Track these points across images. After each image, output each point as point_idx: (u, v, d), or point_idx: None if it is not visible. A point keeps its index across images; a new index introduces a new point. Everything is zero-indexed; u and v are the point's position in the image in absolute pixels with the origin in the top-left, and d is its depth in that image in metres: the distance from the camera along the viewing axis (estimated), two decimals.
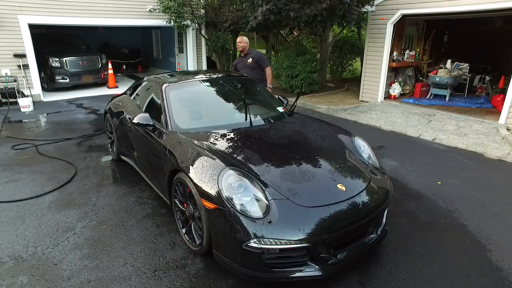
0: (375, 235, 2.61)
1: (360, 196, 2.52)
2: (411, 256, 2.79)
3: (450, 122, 6.82)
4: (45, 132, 6.22)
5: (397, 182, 4.20)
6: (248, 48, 5.36)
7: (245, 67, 5.27)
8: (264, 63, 5.33)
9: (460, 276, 2.57)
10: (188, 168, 2.60)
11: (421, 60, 9.83)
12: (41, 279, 2.48)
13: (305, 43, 13.52)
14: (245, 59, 5.31)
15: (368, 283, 2.48)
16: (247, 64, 5.27)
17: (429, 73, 8.94)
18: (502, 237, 3.08)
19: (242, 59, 5.39)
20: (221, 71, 5.89)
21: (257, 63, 5.27)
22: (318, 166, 2.78)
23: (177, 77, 4.06)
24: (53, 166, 4.59)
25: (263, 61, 5.33)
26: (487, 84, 8.87)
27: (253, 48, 5.74)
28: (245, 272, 2.27)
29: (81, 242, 2.92)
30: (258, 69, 5.30)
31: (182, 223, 2.93)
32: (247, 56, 5.31)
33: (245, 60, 5.32)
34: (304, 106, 8.52)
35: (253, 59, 5.24)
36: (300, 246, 2.17)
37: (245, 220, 2.21)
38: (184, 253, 2.79)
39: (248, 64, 5.26)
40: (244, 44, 5.28)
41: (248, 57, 5.28)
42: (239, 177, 2.40)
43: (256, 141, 3.07)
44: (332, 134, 3.36)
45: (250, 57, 5.25)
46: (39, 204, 3.58)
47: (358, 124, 7.07)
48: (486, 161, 5.00)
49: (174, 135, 3.11)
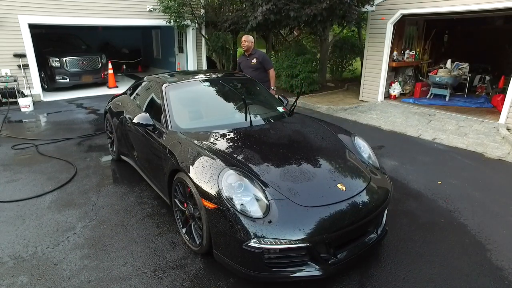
0: (375, 235, 2.61)
1: (360, 196, 2.52)
2: (411, 256, 2.79)
3: (450, 122, 6.82)
4: (45, 132, 6.22)
5: (397, 182, 4.20)
6: (252, 48, 5.28)
7: (248, 67, 5.22)
8: (268, 65, 5.28)
9: (460, 276, 2.57)
10: (188, 168, 2.60)
11: (421, 60, 9.80)
12: (41, 279, 2.48)
13: (305, 43, 13.53)
14: (249, 59, 5.24)
15: (368, 282, 2.48)
16: (251, 64, 5.21)
17: (429, 73, 8.93)
18: (502, 237, 3.08)
19: (246, 59, 5.30)
20: (221, 71, 5.86)
21: (261, 64, 5.20)
22: (318, 166, 2.78)
23: (177, 77, 4.06)
24: (53, 166, 4.59)
25: (267, 62, 5.27)
26: (487, 84, 8.84)
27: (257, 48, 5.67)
28: (245, 272, 2.27)
29: (81, 242, 2.92)
30: (262, 70, 5.24)
31: (182, 223, 2.93)
32: (251, 56, 5.23)
33: (249, 60, 5.24)
34: (304, 106, 8.52)
35: (257, 60, 5.17)
36: (300, 246, 2.18)
37: (245, 220, 2.21)
38: (184, 253, 2.79)
39: (251, 64, 5.19)
40: (249, 43, 5.20)
41: (252, 58, 5.20)
42: (239, 177, 2.40)
43: (256, 141, 3.07)
44: (332, 134, 3.36)
45: (255, 58, 5.17)
46: (39, 204, 3.58)
47: (358, 124, 7.07)
48: (486, 161, 5.00)
49: (174, 135, 3.12)
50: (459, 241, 3.01)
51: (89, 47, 11.70)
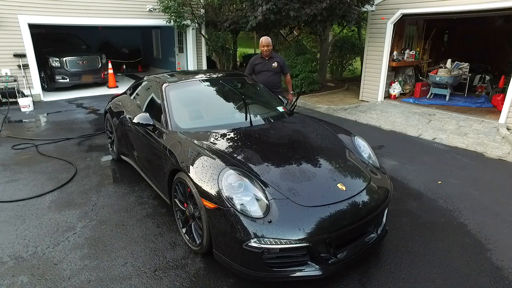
0: (375, 235, 2.61)
1: (360, 196, 2.53)
2: (411, 256, 2.79)
3: (450, 121, 6.82)
4: (45, 132, 6.22)
5: (397, 181, 4.20)
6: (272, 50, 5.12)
7: (268, 70, 5.03)
8: (286, 69, 5.21)
9: (460, 276, 2.57)
10: (188, 168, 2.60)
11: (421, 60, 9.82)
12: (42, 279, 2.48)
13: (305, 43, 13.52)
14: (269, 62, 5.03)
15: (368, 282, 2.48)
16: (271, 67, 5.02)
17: (429, 72, 8.96)
18: (502, 236, 3.08)
19: (265, 61, 5.05)
20: (221, 71, 5.82)
21: (281, 68, 5.09)
22: (318, 166, 2.78)
23: (177, 76, 4.06)
24: (54, 165, 4.59)
25: (286, 67, 5.20)
26: (487, 83, 8.88)
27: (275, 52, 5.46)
28: (245, 272, 2.27)
29: (81, 242, 2.92)
30: (279, 74, 5.15)
31: (183, 222, 2.93)
32: (271, 59, 5.04)
33: (268, 63, 5.02)
34: (304, 105, 8.52)
35: (278, 64, 5.01)
36: (300, 245, 2.18)
37: (245, 219, 2.21)
38: (184, 252, 2.79)
39: (272, 67, 5.00)
40: (271, 47, 5.02)
41: (273, 61, 5.01)
42: (239, 176, 2.40)
43: (256, 141, 3.07)
44: (332, 134, 3.36)
45: (276, 61, 5.00)
46: (40, 203, 3.58)
47: (358, 123, 7.07)
48: (486, 161, 5.00)
49: (174, 134, 3.11)
50: (459, 240, 3.01)
51: (89, 47, 11.71)
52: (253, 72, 5.12)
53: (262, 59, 5.07)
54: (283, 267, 2.25)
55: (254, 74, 5.07)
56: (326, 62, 11.64)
